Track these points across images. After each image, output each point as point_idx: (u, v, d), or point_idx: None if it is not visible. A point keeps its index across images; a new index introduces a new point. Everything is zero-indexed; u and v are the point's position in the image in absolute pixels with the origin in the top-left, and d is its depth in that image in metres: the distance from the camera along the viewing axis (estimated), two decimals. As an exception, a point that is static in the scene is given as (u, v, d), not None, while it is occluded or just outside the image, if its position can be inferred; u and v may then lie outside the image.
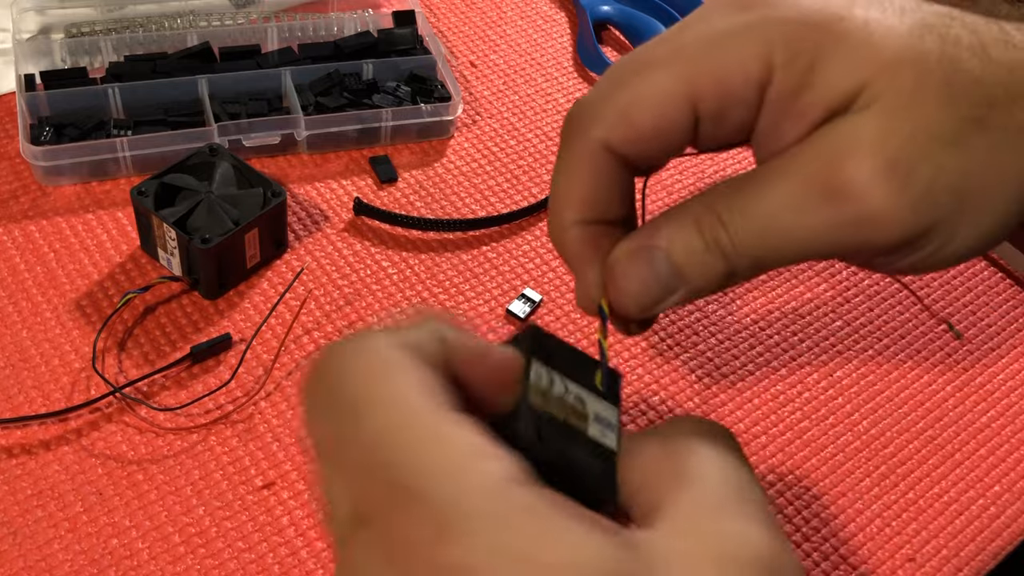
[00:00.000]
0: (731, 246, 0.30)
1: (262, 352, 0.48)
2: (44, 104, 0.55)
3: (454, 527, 0.21)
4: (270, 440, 0.45)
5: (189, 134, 0.54)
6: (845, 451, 0.49)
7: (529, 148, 0.62)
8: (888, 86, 0.28)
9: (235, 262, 0.50)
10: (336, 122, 0.57)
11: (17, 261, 0.50)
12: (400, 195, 0.57)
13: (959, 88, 0.28)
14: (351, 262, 0.53)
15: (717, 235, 0.30)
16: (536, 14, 0.72)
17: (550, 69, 0.67)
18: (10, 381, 0.46)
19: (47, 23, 0.60)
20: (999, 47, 0.29)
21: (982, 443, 0.51)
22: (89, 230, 0.52)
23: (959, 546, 0.46)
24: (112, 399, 0.46)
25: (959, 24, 0.29)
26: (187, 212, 0.49)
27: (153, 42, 0.60)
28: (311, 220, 0.55)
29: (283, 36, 0.62)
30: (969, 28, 0.29)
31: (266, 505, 0.43)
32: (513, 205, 0.58)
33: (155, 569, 0.41)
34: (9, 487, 0.42)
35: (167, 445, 0.44)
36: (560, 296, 0.54)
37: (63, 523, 0.41)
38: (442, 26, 0.69)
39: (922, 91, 0.28)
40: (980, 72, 0.28)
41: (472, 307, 0.52)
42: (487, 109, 0.63)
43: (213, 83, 0.57)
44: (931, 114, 0.28)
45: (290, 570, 0.41)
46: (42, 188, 0.54)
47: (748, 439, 0.49)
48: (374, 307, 0.51)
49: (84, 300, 0.49)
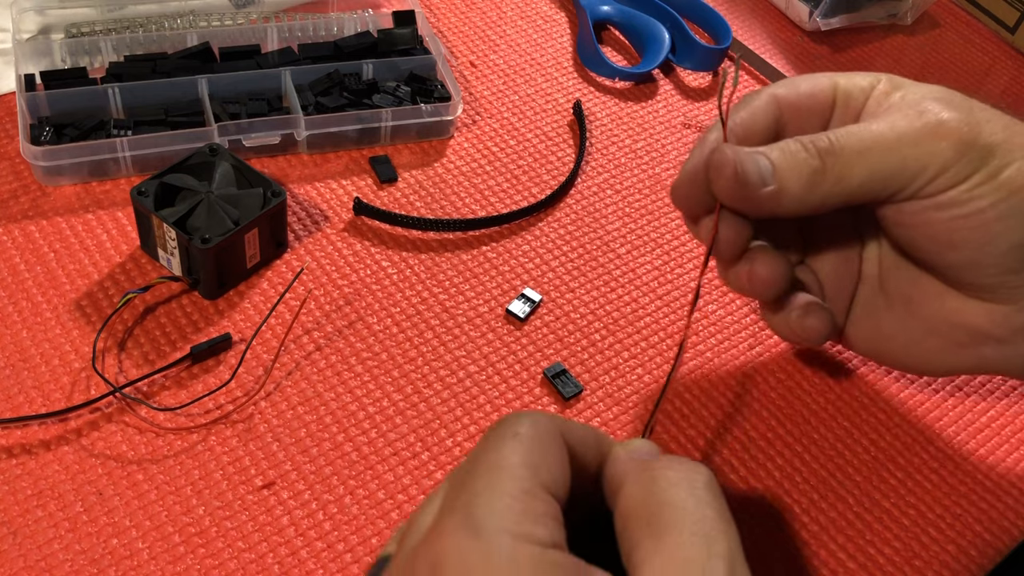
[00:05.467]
0: (829, 144, 0.38)
1: (262, 352, 0.48)
2: (44, 104, 0.55)
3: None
4: (270, 440, 0.45)
5: (189, 134, 0.54)
6: (847, 450, 0.49)
7: (529, 148, 0.62)
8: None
9: (235, 262, 0.50)
10: (336, 122, 0.57)
11: (17, 261, 0.50)
12: (400, 195, 0.57)
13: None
14: (351, 262, 0.53)
15: (818, 140, 0.38)
16: (536, 14, 0.72)
17: (550, 69, 0.67)
18: (10, 381, 0.46)
19: (47, 23, 0.60)
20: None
21: (982, 443, 0.51)
22: (89, 230, 0.52)
23: (960, 548, 0.47)
24: (112, 399, 0.46)
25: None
26: (187, 212, 0.49)
27: (153, 42, 0.60)
28: (311, 220, 0.55)
29: (283, 36, 0.62)
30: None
31: (266, 505, 0.43)
32: (513, 205, 0.58)
33: (155, 569, 0.41)
34: (9, 487, 0.42)
35: (167, 445, 0.44)
36: (560, 296, 0.54)
37: (63, 523, 0.41)
38: (442, 26, 0.69)
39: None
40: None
41: (472, 307, 0.52)
42: (487, 109, 0.63)
43: (213, 83, 0.57)
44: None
45: (290, 570, 0.41)
46: (42, 188, 0.54)
47: (752, 438, 0.49)
48: (374, 307, 0.51)
49: (84, 300, 0.49)
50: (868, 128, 0.39)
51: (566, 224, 0.58)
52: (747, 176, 0.38)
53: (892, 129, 0.38)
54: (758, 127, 0.41)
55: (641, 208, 0.60)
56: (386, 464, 0.46)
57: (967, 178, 0.38)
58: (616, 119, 0.65)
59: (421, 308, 0.52)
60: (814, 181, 0.38)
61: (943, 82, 0.73)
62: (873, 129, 0.39)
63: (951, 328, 0.43)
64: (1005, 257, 0.39)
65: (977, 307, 0.42)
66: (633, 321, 0.53)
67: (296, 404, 0.47)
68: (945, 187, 0.39)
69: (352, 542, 0.43)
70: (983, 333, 0.42)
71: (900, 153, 0.38)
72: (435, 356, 0.50)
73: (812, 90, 0.42)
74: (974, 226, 0.39)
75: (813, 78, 0.42)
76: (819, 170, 0.38)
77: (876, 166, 0.38)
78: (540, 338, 0.52)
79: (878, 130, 0.38)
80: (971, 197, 0.38)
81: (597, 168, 0.61)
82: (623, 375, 0.51)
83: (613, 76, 0.68)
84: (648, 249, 0.57)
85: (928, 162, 0.38)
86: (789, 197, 0.38)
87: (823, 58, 0.74)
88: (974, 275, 0.41)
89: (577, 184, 0.60)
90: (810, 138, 0.39)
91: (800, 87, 0.42)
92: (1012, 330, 0.42)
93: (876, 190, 0.39)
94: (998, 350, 0.43)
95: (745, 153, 0.38)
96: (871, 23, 0.77)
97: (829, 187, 0.38)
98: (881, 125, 0.39)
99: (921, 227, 0.40)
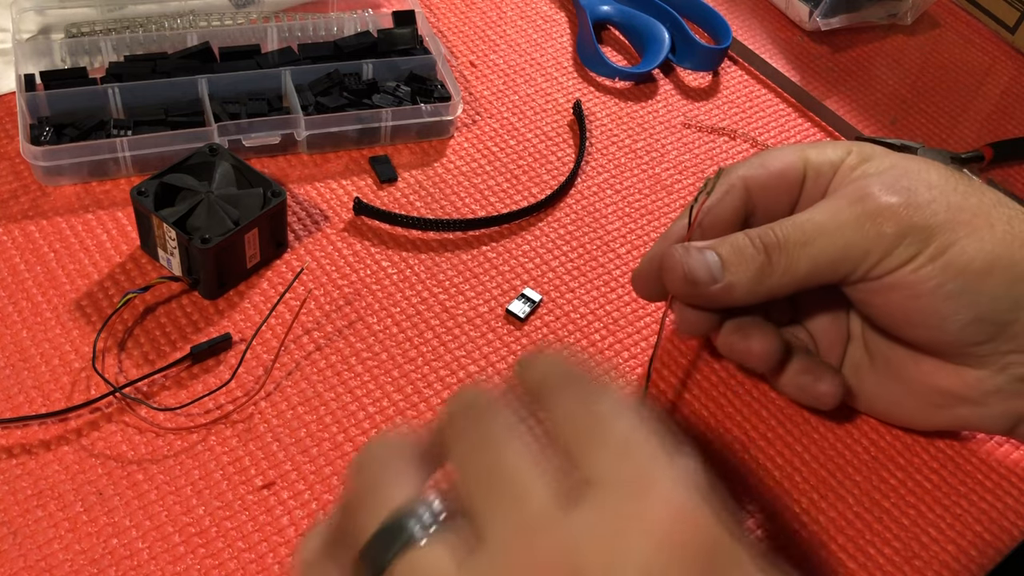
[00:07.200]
0: (775, 239, 0.40)
1: (262, 352, 0.48)
2: (44, 104, 0.55)
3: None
4: (270, 440, 0.45)
5: (189, 134, 0.54)
6: (847, 450, 0.49)
7: (529, 148, 0.62)
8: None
9: (235, 262, 0.50)
10: (336, 122, 0.57)
11: (17, 261, 0.50)
12: (400, 195, 0.57)
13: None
14: (351, 262, 0.53)
15: (764, 235, 0.40)
16: (536, 14, 0.72)
17: (550, 69, 0.67)
18: (10, 381, 0.46)
19: (47, 23, 0.60)
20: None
21: (982, 443, 0.51)
22: (89, 230, 0.52)
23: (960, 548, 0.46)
24: (112, 399, 0.46)
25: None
26: (187, 212, 0.49)
27: (153, 42, 0.60)
28: (311, 220, 0.55)
29: (283, 36, 0.62)
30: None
31: (266, 505, 0.43)
32: (513, 205, 0.58)
33: (155, 569, 0.41)
34: (9, 487, 0.42)
35: (167, 445, 0.44)
36: (560, 296, 0.54)
37: (63, 523, 0.41)
38: (442, 26, 0.69)
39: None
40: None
41: (472, 307, 0.52)
42: (487, 109, 0.63)
43: (213, 83, 0.57)
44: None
45: (290, 570, 0.41)
46: (42, 188, 0.54)
47: (752, 438, 0.49)
48: (374, 307, 0.51)
49: (84, 300, 0.49)
50: (812, 218, 0.41)
51: (566, 224, 0.58)
52: (695, 275, 0.40)
53: (834, 218, 0.40)
54: (726, 214, 0.43)
55: (641, 208, 0.60)
56: (386, 464, 0.46)
57: (911, 259, 0.40)
58: (616, 119, 0.65)
59: (421, 308, 0.52)
60: (762, 275, 0.40)
61: (943, 82, 0.73)
62: (816, 219, 0.40)
63: (927, 390, 0.45)
64: (963, 332, 0.41)
65: (950, 371, 0.43)
66: (633, 321, 0.53)
67: (296, 404, 0.47)
68: (890, 268, 0.40)
69: (352, 542, 0.43)
70: (957, 396, 0.44)
71: (843, 240, 0.40)
72: (435, 356, 0.50)
73: (782, 168, 0.43)
74: (924, 307, 0.40)
75: (783, 154, 0.44)
76: (766, 263, 0.40)
77: (820, 255, 0.40)
78: (540, 338, 0.52)
79: (820, 220, 0.40)
80: (917, 279, 0.40)
81: (597, 168, 0.61)
82: (623, 375, 0.51)
83: (613, 76, 0.68)
84: (648, 249, 0.57)
85: (870, 247, 0.40)
86: (739, 291, 0.40)
87: (823, 58, 0.74)
88: (938, 347, 0.43)
89: (577, 184, 0.60)
90: (757, 232, 0.41)
91: (770, 166, 0.43)
92: (984, 393, 0.43)
93: (825, 275, 0.41)
94: (974, 411, 0.44)
95: (695, 253, 0.40)
96: (871, 23, 0.77)
97: (777, 279, 0.40)
98: (824, 214, 0.41)
99: (879, 306, 0.42)
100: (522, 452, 0.26)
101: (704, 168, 0.63)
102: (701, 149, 0.64)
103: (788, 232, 0.40)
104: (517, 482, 0.25)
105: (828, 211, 0.41)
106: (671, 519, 0.24)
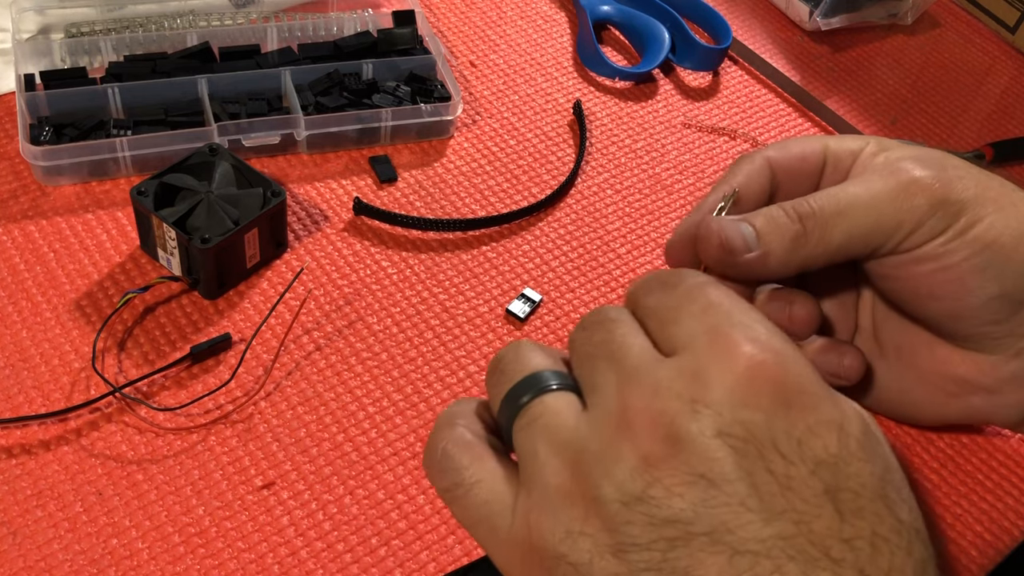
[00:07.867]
0: (809, 209, 0.40)
1: (262, 352, 0.48)
2: (44, 104, 0.55)
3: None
4: (270, 440, 0.45)
5: (189, 134, 0.54)
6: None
7: (529, 148, 0.62)
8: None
9: (235, 262, 0.50)
10: (336, 122, 0.57)
11: (17, 261, 0.50)
12: (400, 195, 0.57)
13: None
14: (351, 262, 0.53)
15: (798, 205, 0.40)
16: (536, 14, 0.72)
17: (550, 69, 0.67)
18: (10, 381, 0.46)
19: (47, 23, 0.60)
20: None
21: (982, 443, 0.51)
22: (89, 230, 0.52)
23: (960, 548, 0.46)
24: (112, 399, 0.46)
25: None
26: (187, 212, 0.49)
27: (153, 42, 0.60)
28: (311, 220, 0.55)
29: (283, 36, 0.62)
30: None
31: (266, 505, 0.43)
32: (513, 205, 0.58)
33: (155, 569, 0.41)
34: (9, 487, 0.42)
35: (167, 445, 0.44)
36: (560, 296, 0.54)
37: (63, 523, 0.41)
38: (442, 26, 0.69)
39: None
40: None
41: (472, 307, 0.52)
42: (487, 109, 0.63)
43: (213, 83, 0.57)
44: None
45: (290, 570, 0.41)
46: (42, 188, 0.54)
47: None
48: (374, 307, 0.51)
49: (84, 300, 0.49)
50: (845, 190, 0.41)
51: (566, 224, 0.58)
52: (732, 244, 0.40)
53: (868, 190, 0.41)
54: (753, 190, 0.43)
55: (641, 208, 0.60)
56: (386, 464, 0.46)
57: (941, 232, 0.40)
58: (616, 119, 0.65)
59: (421, 308, 0.52)
60: (797, 244, 0.40)
61: (943, 82, 0.73)
62: (850, 191, 0.41)
63: (940, 378, 0.45)
64: (984, 308, 0.41)
65: (964, 357, 0.44)
66: (633, 321, 0.53)
67: (296, 404, 0.47)
68: (921, 241, 0.41)
69: (352, 542, 0.43)
70: (971, 383, 0.44)
71: (876, 211, 0.40)
72: (435, 356, 0.50)
73: (803, 153, 0.44)
74: (951, 279, 0.41)
75: (804, 141, 0.45)
76: (801, 233, 0.40)
77: (854, 226, 0.40)
78: (540, 338, 0.52)
79: (855, 191, 0.41)
80: (945, 251, 0.40)
81: (597, 168, 0.61)
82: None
83: (613, 76, 0.68)
84: (648, 249, 0.57)
85: (903, 218, 0.40)
86: (774, 260, 0.40)
87: (823, 58, 0.74)
88: (957, 326, 0.43)
89: (577, 184, 0.60)
90: (791, 204, 0.41)
91: (792, 150, 0.44)
92: (999, 380, 0.43)
93: (857, 248, 0.41)
94: (987, 400, 0.44)
95: (729, 222, 0.41)
96: (871, 23, 0.77)
97: (811, 249, 0.40)
98: (858, 187, 0.41)
99: (903, 280, 0.42)
100: (630, 330, 0.30)
101: (704, 168, 0.63)
102: (701, 149, 0.64)
103: (823, 202, 0.40)
104: (620, 345, 0.29)
105: (862, 184, 0.41)
106: (749, 360, 0.26)
